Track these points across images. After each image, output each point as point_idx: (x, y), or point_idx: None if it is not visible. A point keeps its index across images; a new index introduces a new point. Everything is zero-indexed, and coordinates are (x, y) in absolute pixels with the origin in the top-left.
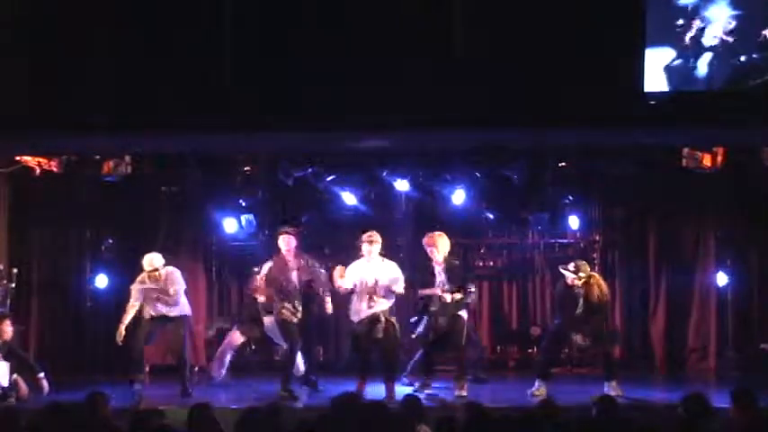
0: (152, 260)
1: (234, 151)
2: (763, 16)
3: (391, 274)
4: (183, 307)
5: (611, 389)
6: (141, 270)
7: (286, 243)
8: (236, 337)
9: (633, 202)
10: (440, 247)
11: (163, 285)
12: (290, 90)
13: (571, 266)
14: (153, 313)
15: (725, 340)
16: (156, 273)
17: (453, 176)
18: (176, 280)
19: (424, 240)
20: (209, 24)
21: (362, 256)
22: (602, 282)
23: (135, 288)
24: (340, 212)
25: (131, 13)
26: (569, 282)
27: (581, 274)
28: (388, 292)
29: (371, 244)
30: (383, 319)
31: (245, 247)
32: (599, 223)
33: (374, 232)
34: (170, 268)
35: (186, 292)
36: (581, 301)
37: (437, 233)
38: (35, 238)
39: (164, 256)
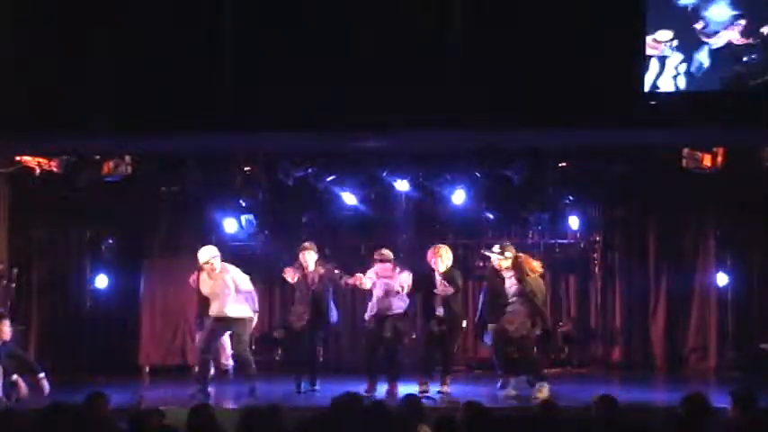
0: (205, 252)
1: (234, 151)
2: (763, 16)
3: (404, 284)
4: (242, 308)
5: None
6: (140, 270)
7: (304, 259)
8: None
9: (633, 202)
10: (443, 258)
11: (218, 282)
12: (289, 90)
13: (495, 248)
14: (214, 313)
15: (725, 340)
16: (210, 266)
17: (453, 176)
18: (232, 278)
19: (429, 253)
20: (209, 24)
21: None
22: (531, 261)
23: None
24: (340, 212)
25: (131, 13)
26: (495, 265)
27: (507, 254)
28: (401, 297)
29: (384, 263)
30: (391, 319)
31: (245, 247)
32: (599, 223)
33: (386, 251)
34: (226, 265)
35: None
36: (513, 284)
37: (442, 246)
38: (35, 238)
39: (164, 256)
